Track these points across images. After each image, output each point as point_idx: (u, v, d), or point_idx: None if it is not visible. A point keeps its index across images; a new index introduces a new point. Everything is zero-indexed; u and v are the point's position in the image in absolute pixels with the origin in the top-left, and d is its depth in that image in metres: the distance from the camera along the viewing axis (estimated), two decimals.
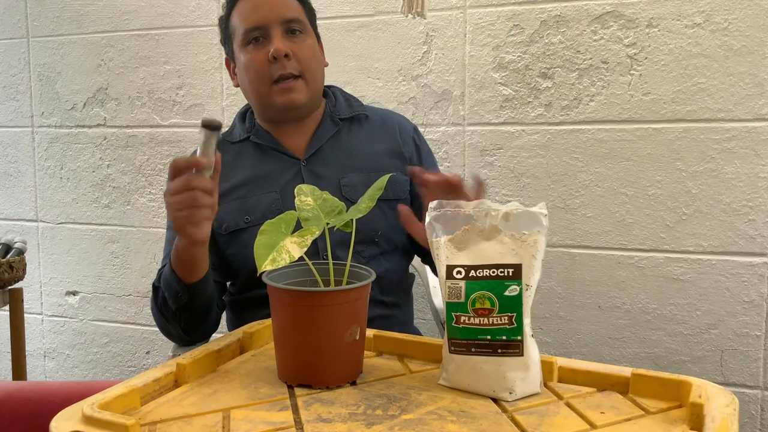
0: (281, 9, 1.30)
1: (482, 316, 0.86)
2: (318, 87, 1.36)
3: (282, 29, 1.30)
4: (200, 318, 1.25)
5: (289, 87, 1.29)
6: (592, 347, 1.78)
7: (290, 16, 1.31)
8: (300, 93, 1.30)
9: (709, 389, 0.82)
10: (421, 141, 1.43)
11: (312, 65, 1.32)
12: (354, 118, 1.40)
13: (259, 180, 1.33)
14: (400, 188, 1.35)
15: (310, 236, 0.92)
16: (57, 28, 2.25)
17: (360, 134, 1.38)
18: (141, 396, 0.86)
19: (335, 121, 1.37)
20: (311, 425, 0.79)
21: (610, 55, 1.70)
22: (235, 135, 1.39)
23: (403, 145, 1.38)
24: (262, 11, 1.30)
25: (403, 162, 1.37)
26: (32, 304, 2.38)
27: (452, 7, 1.81)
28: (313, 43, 1.35)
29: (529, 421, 0.81)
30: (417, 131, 1.44)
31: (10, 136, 2.36)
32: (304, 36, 1.32)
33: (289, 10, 1.31)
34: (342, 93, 1.45)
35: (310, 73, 1.31)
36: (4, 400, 1.33)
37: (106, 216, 2.26)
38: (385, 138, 1.38)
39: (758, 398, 1.67)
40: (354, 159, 1.34)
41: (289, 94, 1.29)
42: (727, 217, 1.65)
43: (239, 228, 1.30)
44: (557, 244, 1.78)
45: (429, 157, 1.44)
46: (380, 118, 1.42)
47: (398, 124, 1.42)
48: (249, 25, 1.30)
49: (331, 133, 1.36)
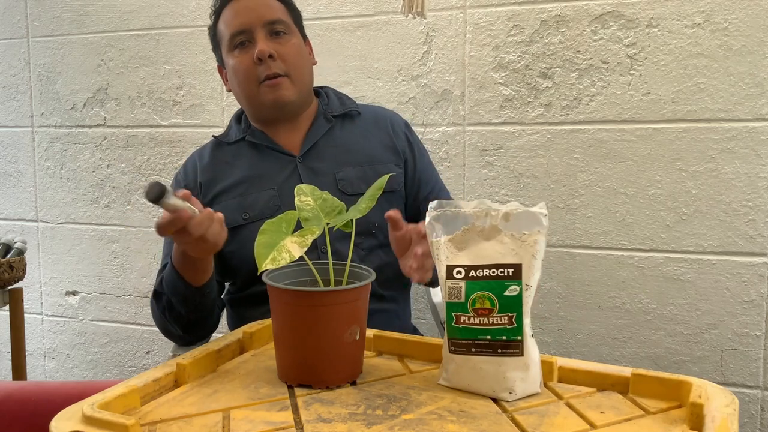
0: (263, 11, 1.33)
1: (482, 316, 0.86)
2: (306, 84, 1.38)
3: (265, 31, 1.32)
4: (206, 318, 1.28)
5: (275, 83, 1.31)
6: (592, 347, 1.78)
7: (272, 18, 1.33)
8: (287, 90, 1.33)
9: (709, 389, 0.82)
10: (412, 136, 1.46)
11: (298, 63, 1.35)
12: (346, 114, 1.43)
13: (256, 178, 1.35)
14: (395, 180, 1.38)
15: (310, 236, 0.92)
16: (57, 28, 2.25)
17: (353, 130, 1.41)
18: (141, 396, 0.86)
19: (328, 118, 1.41)
20: (311, 425, 0.79)
21: (610, 55, 1.70)
22: (231, 136, 1.42)
23: (396, 140, 1.42)
24: (245, 15, 1.33)
25: (396, 155, 1.40)
26: (32, 304, 2.38)
27: (452, 7, 1.81)
28: (297, 42, 1.37)
29: (529, 421, 0.81)
30: (408, 126, 1.48)
31: (10, 136, 2.36)
32: (288, 36, 1.35)
33: (271, 11, 1.34)
34: (334, 92, 1.48)
35: (296, 71, 1.34)
36: (4, 400, 1.33)
37: (106, 216, 2.26)
38: (378, 133, 1.41)
39: (758, 398, 1.67)
40: (348, 154, 1.37)
41: (277, 91, 1.32)
42: (727, 217, 1.65)
43: (237, 225, 1.31)
44: (557, 244, 1.78)
45: (421, 152, 1.47)
46: (372, 114, 1.45)
47: (390, 119, 1.45)
48: (233, 30, 1.33)
49: (325, 130, 1.39)
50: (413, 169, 1.42)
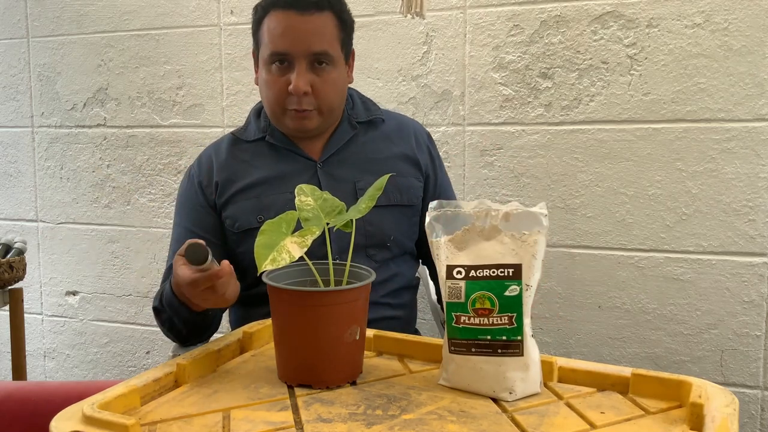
0: (311, 41, 1.25)
1: (482, 316, 0.86)
2: (335, 111, 1.33)
3: (307, 61, 1.26)
4: (209, 328, 1.28)
5: (302, 116, 1.28)
6: (592, 347, 1.78)
7: (319, 50, 1.25)
8: (312, 121, 1.29)
9: (709, 389, 0.82)
10: (434, 149, 1.45)
11: (331, 99, 1.29)
12: (371, 121, 1.39)
13: (274, 180, 1.32)
14: (414, 194, 1.36)
15: (310, 236, 0.92)
16: (57, 28, 2.25)
17: (376, 138, 1.38)
18: (141, 396, 0.86)
19: (353, 124, 1.37)
20: (311, 425, 0.79)
21: (610, 55, 1.70)
22: (249, 133, 1.38)
23: (418, 152, 1.39)
24: (291, 38, 1.24)
25: (417, 168, 1.38)
26: (32, 304, 2.38)
27: (452, 7, 1.81)
28: (337, 75, 1.30)
29: (529, 421, 0.81)
30: (431, 138, 1.46)
31: (10, 136, 2.36)
32: (330, 68, 1.28)
33: (320, 42, 1.26)
34: (359, 96, 1.44)
35: (326, 105, 1.29)
36: (4, 400, 1.33)
37: (106, 216, 2.26)
38: (401, 143, 1.39)
39: (758, 398, 1.67)
40: (370, 162, 1.34)
41: (302, 121, 1.29)
42: (727, 217, 1.65)
43: (251, 227, 1.29)
44: (557, 244, 1.78)
45: (441, 166, 1.46)
46: (396, 123, 1.42)
47: (414, 130, 1.42)
48: (274, 49, 1.26)
49: (348, 137, 1.36)
50: (434, 185, 1.41)
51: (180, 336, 1.26)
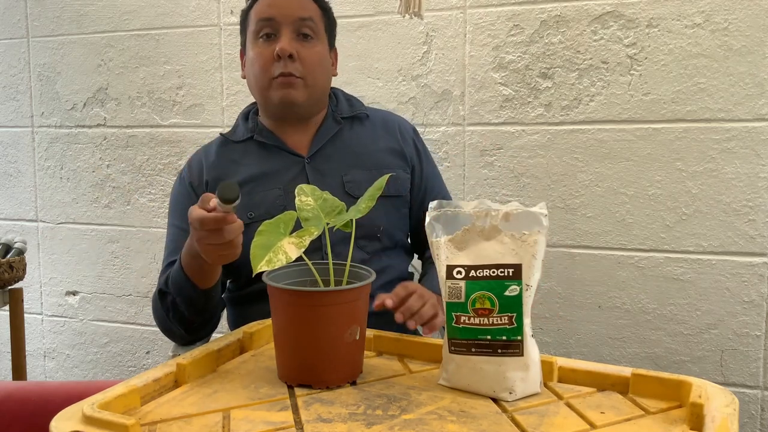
0: (296, 8, 1.32)
1: (482, 316, 0.86)
2: (319, 92, 1.36)
3: (293, 29, 1.31)
4: (209, 318, 1.28)
5: (287, 82, 1.30)
6: (592, 347, 1.78)
7: (303, 15, 1.32)
8: (298, 91, 1.31)
9: (709, 389, 0.82)
10: (420, 142, 1.46)
11: (315, 69, 1.33)
12: (355, 117, 1.42)
13: (263, 177, 1.34)
14: (401, 185, 1.38)
15: (308, 237, 0.92)
16: (57, 28, 2.25)
17: (362, 133, 1.41)
18: (141, 396, 0.86)
19: (337, 120, 1.40)
20: (311, 425, 0.79)
21: (610, 55, 1.70)
22: (238, 134, 1.41)
23: (403, 145, 1.42)
24: (277, 7, 1.32)
25: (403, 161, 1.40)
26: (32, 304, 2.38)
27: (452, 7, 1.81)
28: (321, 50, 1.35)
29: (529, 421, 0.81)
30: (416, 132, 1.48)
31: (10, 136, 2.36)
32: (314, 41, 1.33)
33: (304, 10, 1.32)
34: (343, 94, 1.47)
35: (311, 76, 1.32)
36: (4, 400, 1.33)
37: (106, 216, 2.26)
38: (387, 137, 1.41)
39: (758, 398, 1.67)
40: (356, 156, 1.37)
41: (287, 89, 1.31)
42: (727, 217, 1.65)
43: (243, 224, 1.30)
44: (557, 244, 1.78)
45: (428, 159, 1.47)
46: (381, 118, 1.45)
47: (399, 124, 1.45)
48: (262, 16, 1.32)
49: (334, 132, 1.39)
50: (420, 176, 1.42)
51: (183, 321, 1.24)
